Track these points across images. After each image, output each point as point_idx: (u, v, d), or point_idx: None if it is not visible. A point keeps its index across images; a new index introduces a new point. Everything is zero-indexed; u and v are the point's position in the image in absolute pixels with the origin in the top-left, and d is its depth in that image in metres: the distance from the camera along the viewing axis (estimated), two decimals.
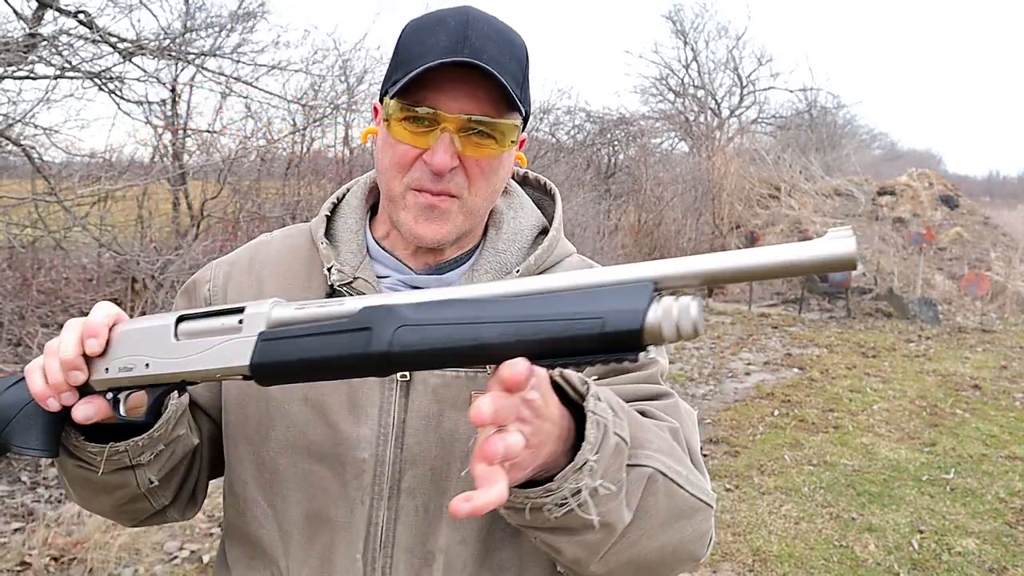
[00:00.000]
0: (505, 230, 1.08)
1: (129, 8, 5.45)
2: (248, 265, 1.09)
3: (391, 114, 0.95)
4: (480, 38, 0.92)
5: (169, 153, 7.08)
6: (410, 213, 0.98)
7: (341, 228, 1.08)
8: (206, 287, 1.09)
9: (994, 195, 32.30)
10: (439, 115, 0.92)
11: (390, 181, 0.99)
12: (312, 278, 1.05)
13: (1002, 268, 12.09)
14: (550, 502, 0.73)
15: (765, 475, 4.89)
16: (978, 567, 3.76)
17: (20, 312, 5.24)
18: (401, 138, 0.95)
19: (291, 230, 1.15)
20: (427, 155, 0.94)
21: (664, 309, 0.59)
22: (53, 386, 0.83)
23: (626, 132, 14.89)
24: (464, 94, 0.92)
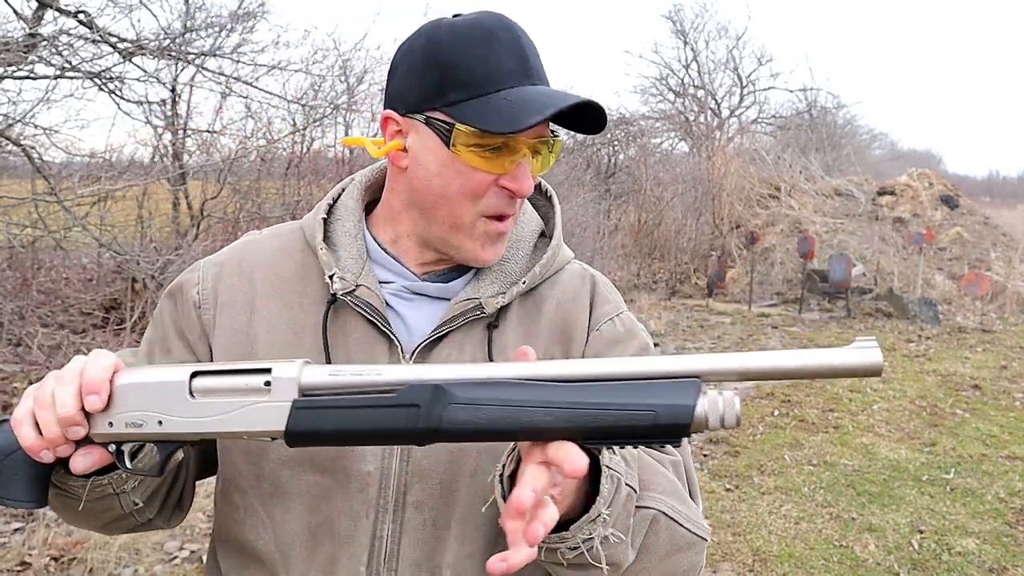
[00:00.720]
0: (508, 236, 1.06)
1: (129, 8, 5.45)
2: (238, 267, 1.05)
3: (459, 139, 0.90)
4: (532, 55, 0.93)
5: (169, 153, 7.09)
6: (478, 241, 0.96)
7: (339, 232, 1.04)
8: (194, 291, 1.04)
9: (994, 195, 32.31)
10: (518, 140, 0.91)
11: (458, 208, 0.94)
12: (307, 283, 1.02)
13: (1002, 268, 12.09)
14: (564, 547, 0.80)
15: (765, 475, 4.89)
16: (978, 567, 3.76)
17: (20, 312, 5.24)
18: (476, 165, 0.91)
19: (280, 229, 1.11)
20: (507, 181, 0.92)
21: (710, 402, 0.64)
22: (48, 440, 0.78)
23: (626, 132, 14.90)
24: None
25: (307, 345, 0.99)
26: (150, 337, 1.07)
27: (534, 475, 0.67)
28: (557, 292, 1.07)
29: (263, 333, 1.00)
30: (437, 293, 1.02)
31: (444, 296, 1.02)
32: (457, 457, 0.95)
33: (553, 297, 1.06)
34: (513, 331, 1.03)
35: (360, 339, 0.99)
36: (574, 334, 1.05)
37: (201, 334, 1.02)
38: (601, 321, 1.06)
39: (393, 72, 0.98)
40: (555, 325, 1.04)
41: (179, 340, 1.03)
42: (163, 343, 1.05)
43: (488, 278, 1.02)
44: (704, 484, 4.70)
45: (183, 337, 1.03)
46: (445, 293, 1.02)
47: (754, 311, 10.95)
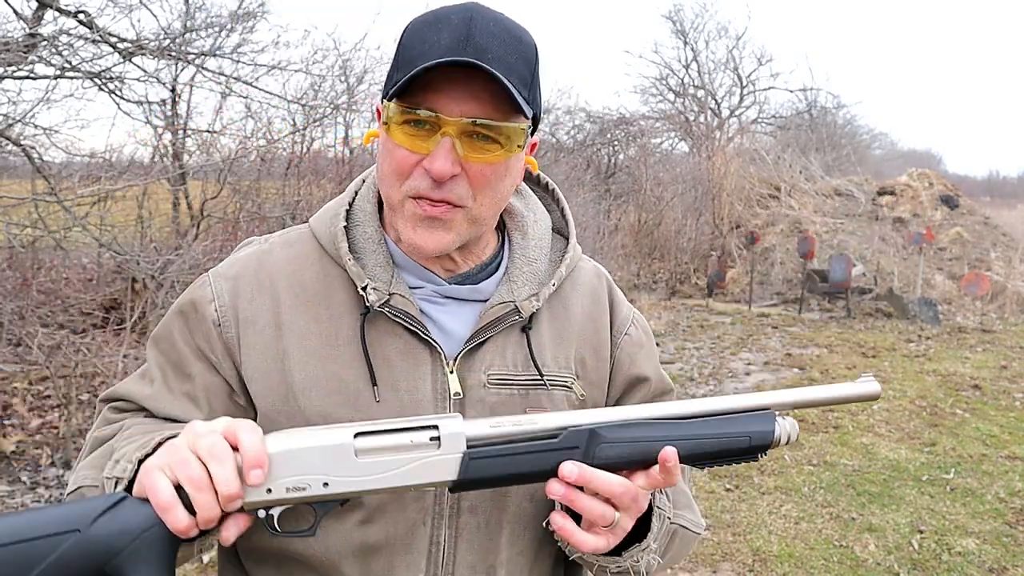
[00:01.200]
0: (531, 235, 1.07)
1: (129, 8, 5.45)
2: (256, 281, 1.01)
3: (390, 117, 0.91)
4: (485, 36, 0.88)
5: (169, 153, 7.09)
6: (408, 223, 0.94)
7: (361, 238, 1.01)
8: (211, 308, 0.99)
9: (994, 195, 32.31)
10: (440, 118, 0.88)
11: (389, 188, 0.94)
12: (332, 293, 1.00)
13: (1002, 268, 12.09)
14: (614, 567, 0.94)
15: (765, 475, 4.89)
16: (978, 567, 3.76)
17: (20, 312, 5.24)
18: (400, 142, 0.91)
19: (289, 236, 1.07)
20: (427, 161, 0.90)
21: (781, 427, 0.87)
22: (203, 520, 0.75)
23: (626, 132, 14.91)
24: (467, 96, 0.88)
25: (346, 358, 0.97)
26: (161, 361, 1.02)
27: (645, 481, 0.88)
28: (580, 292, 1.10)
29: (295, 349, 0.97)
30: (468, 295, 1.02)
31: (476, 298, 1.02)
32: None
33: (577, 297, 1.09)
34: (547, 333, 1.05)
35: (401, 349, 0.98)
36: (600, 336, 1.10)
37: (224, 353, 0.99)
38: (626, 325, 1.13)
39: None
40: (584, 327, 1.08)
41: (199, 362, 0.99)
42: (180, 367, 1.00)
43: (520, 279, 1.03)
44: (704, 484, 4.70)
45: (203, 358, 0.99)
46: (476, 295, 1.02)
47: (754, 311, 10.94)
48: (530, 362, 1.02)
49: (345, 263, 0.98)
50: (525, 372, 1.01)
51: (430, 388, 0.97)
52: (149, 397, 0.99)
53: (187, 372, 0.99)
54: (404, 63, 0.90)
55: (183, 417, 0.97)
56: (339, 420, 0.92)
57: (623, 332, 1.12)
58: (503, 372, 1.01)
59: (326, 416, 0.94)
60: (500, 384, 1.00)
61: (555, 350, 1.05)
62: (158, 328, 1.05)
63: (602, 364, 1.09)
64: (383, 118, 0.93)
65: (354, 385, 0.96)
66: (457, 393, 0.97)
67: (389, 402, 0.96)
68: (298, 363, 0.96)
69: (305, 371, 0.96)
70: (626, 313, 1.14)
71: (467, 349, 0.99)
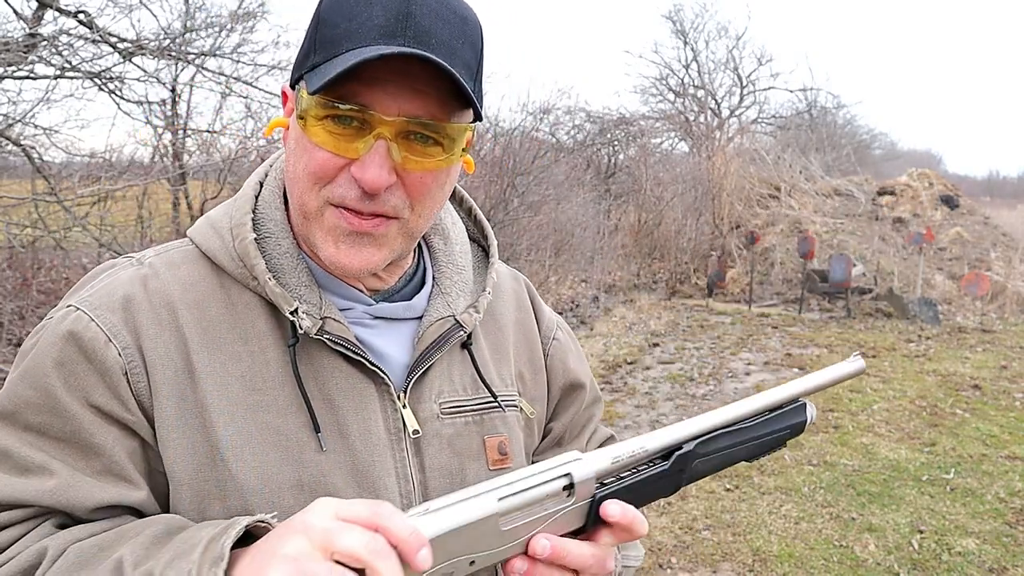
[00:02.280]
0: (453, 240, 0.95)
1: (129, 8, 5.45)
2: (153, 312, 0.80)
3: (307, 109, 0.74)
4: (427, 15, 0.73)
5: (169, 153, 7.09)
6: (329, 237, 0.78)
7: (275, 253, 0.83)
8: (110, 350, 0.76)
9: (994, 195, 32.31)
10: (373, 116, 0.73)
11: (304, 193, 0.78)
12: (248, 326, 0.82)
13: (1002, 268, 12.09)
14: None
15: (765, 475, 4.88)
16: (978, 567, 3.76)
17: (20, 312, 5.24)
18: (321, 143, 0.75)
19: (170, 255, 0.86)
20: (356, 168, 0.74)
21: (809, 412, 0.94)
22: None
23: (626, 132, 14.91)
24: (405, 89, 0.73)
25: (279, 403, 0.80)
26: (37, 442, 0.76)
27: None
28: (505, 301, 1.01)
29: (215, 399, 0.78)
30: (403, 313, 0.88)
31: (409, 316, 0.89)
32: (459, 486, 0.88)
33: (503, 306, 1.00)
34: (486, 348, 0.95)
35: (342, 384, 0.82)
36: (532, 346, 1.02)
37: (139, 409, 0.77)
38: (552, 330, 1.05)
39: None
40: (516, 339, 1.00)
41: (108, 427, 0.76)
42: (76, 441, 0.76)
43: (453, 290, 0.92)
44: (704, 484, 4.70)
45: (113, 421, 0.77)
46: (410, 312, 0.89)
47: (754, 311, 10.94)
48: (478, 382, 0.90)
49: (265, 284, 0.80)
50: (475, 395, 0.91)
51: (383, 428, 0.83)
52: (55, 491, 0.74)
53: (91, 444, 0.76)
54: (326, 43, 0.74)
55: (118, 501, 0.76)
56: (280, 481, 0.78)
57: (551, 337, 1.03)
58: (454, 398, 0.89)
59: (265, 478, 0.78)
60: (453, 413, 0.88)
61: (498, 367, 0.95)
62: (7, 398, 0.78)
63: (539, 376, 1.01)
64: (297, 109, 0.76)
65: (295, 436, 0.80)
66: (416, 431, 0.84)
67: (338, 451, 0.81)
68: (222, 417, 0.78)
69: (232, 426, 0.78)
70: (549, 316, 1.06)
71: (415, 377, 0.86)
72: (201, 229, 0.87)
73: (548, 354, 1.03)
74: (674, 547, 3.92)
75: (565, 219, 10.03)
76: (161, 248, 0.88)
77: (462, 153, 0.80)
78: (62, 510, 0.75)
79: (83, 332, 0.77)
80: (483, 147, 8.81)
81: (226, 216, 0.86)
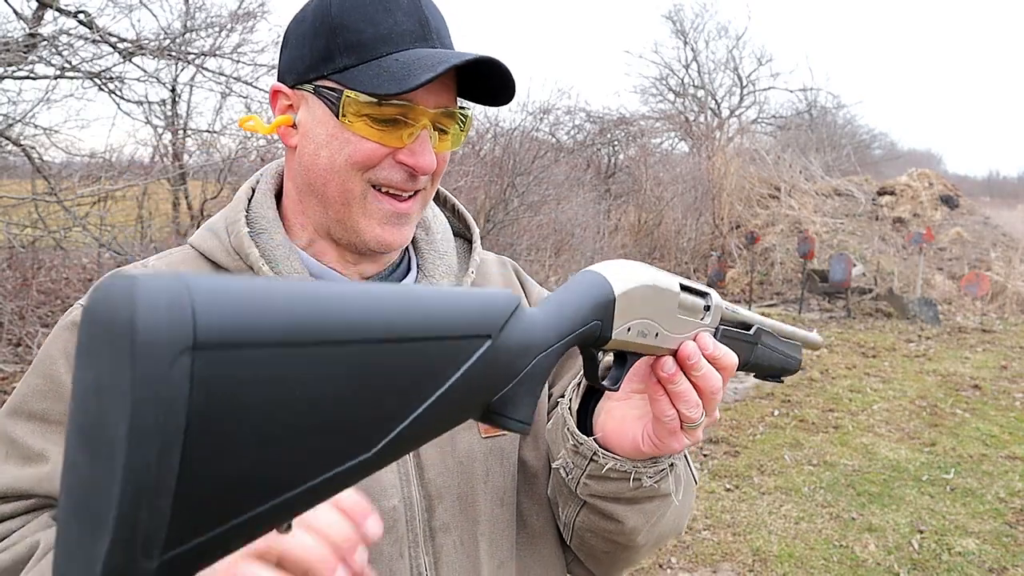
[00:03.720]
0: (434, 230, 1.01)
1: (129, 8, 5.46)
2: None
3: (350, 108, 0.82)
4: (435, 17, 0.84)
5: (169, 153, 7.09)
6: (374, 219, 0.87)
7: (269, 247, 0.90)
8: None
9: (994, 195, 32.28)
10: (416, 110, 0.83)
11: (346, 180, 0.85)
12: None
13: (1002, 268, 12.08)
14: (651, 471, 0.84)
15: (765, 475, 4.88)
16: (978, 567, 3.76)
17: (20, 312, 5.24)
18: (367, 135, 0.83)
19: (172, 258, 0.93)
20: (404, 155, 0.84)
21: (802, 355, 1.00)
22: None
23: (626, 132, 14.90)
24: (438, 85, 0.83)
25: None
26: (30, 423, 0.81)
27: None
28: (493, 281, 1.06)
29: None
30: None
31: None
32: (467, 466, 0.92)
33: (491, 286, 1.05)
34: None
35: None
36: None
37: None
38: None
39: (285, 43, 0.90)
40: None
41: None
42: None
43: (436, 274, 0.97)
44: (704, 484, 4.70)
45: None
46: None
47: (754, 311, 10.94)
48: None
49: (259, 271, 0.87)
50: None
51: None
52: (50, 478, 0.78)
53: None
54: (355, 47, 0.82)
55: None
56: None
57: None
58: None
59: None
60: None
61: None
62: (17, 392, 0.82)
63: None
64: (340, 109, 0.83)
65: None
66: None
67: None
68: None
69: None
70: (539, 291, 1.11)
71: None
72: (200, 233, 0.94)
73: None
74: (674, 547, 3.92)
75: (565, 219, 10.03)
76: (164, 253, 0.96)
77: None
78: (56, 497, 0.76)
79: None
80: (483, 147, 8.81)
81: (222, 219, 0.94)
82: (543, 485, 0.99)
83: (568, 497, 0.91)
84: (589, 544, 0.94)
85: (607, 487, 0.85)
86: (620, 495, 0.85)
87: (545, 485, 1.00)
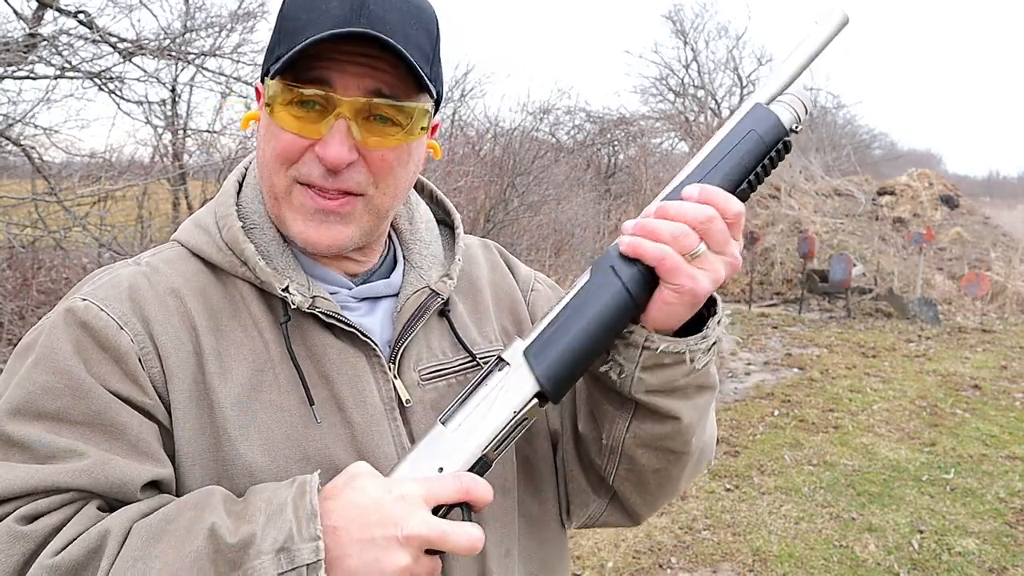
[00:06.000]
0: (417, 220, 1.00)
1: (129, 8, 5.46)
2: (160, 301, 0.83)
3: (273, 97, 0.80)
4: (381, 4, 0.79)
5: (169, 153, 7.09)
6: (298, 215, 0.83)
7: (262, 241, 0.88)
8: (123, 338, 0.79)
9: (994, 195, 32.31)
10: (332, 98, 0.78)
11: (272, 174, 0.83)
12: (243, 312, 0.86)
13: (1002, 268, 12.08)
14: (703, 347, 0.84)
15: (765, 475, 4.88)
16: (978, 567, 3.76)
17: (20, 312, 5.24)
18: (286, 125, 0.80)
19: (164, 254, 0.90)
20: (319, 147, 0.80)
21: (786, 107, 0.89)
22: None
23: (626, 132, 14.91)
24: (363, 72, 0.79)
25: (281, 382, 0.84)
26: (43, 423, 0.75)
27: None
28: (478, 265, 1.06)
29: (220, 380, 0.82)
30: (383, 290, 0.93)
31: (388, 293, 0.94)
32: None
33: (478, 271, 1.05)
34: (465, 312, 0.99)
35: (335, 358, 0.86)
36: (513, 299, 1.06)
37: (155, 394, 0.80)
38: (530, 282, 1.09)
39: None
40: (497, 297, 1.04)
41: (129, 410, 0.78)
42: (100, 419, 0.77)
43: (423, 264, 0.97)
44: (704, 484, 4.70)
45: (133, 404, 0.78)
46: (389, 289, 0.94)
47: (754, 311, 10.94)
48: (458, 346, 0.95)
49: (255, 266, 0.85)
50: (456, 357, 0.95)
51: (378, 399, 0.87)
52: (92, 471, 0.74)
53: (117, 423, 0.77)
54: (288, 35, 0.80)
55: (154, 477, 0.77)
56: (288, 456, 0.82)
57: (530, 289, 1.08)
58: (432, 364, 0.93)
59: (272, 455, 0.81)
60: (434, 377, 0.93)
61: (479, 327, 1.00)
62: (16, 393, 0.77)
63: (524, 327, 1.04)
64: (264, 98, 0.82)
65: (296, 412, 0.84)
66: (407, 400, 0.89)
67: (337, 424, 0.85)
68: (228, 398, 0.82)
69: (237, 407, 0.82)
70: (526, 272, 1.10)
71: (401, 348, 0.90)
72: (187, 229, 0.91)
73: (529, 302, 1.07)
74: (674, 547, 3.92)
75: (565, 219, 10.03)
76: (156, 250, 0.92)
77: (424, 136, 0.86)
78: (100, 492, 0.75)
79: (94, 321, 0.79)
80: (483, 147, 8.81)
81: (210, 213, 0.91)
82: (543, 479, 1.00)
83: (617, 410, 0.88)
84: (639, 465, 0.91)
85: (663, 376, 0.83)
86: (675, 384, 0.84)
87: (546, 478, 1.00)
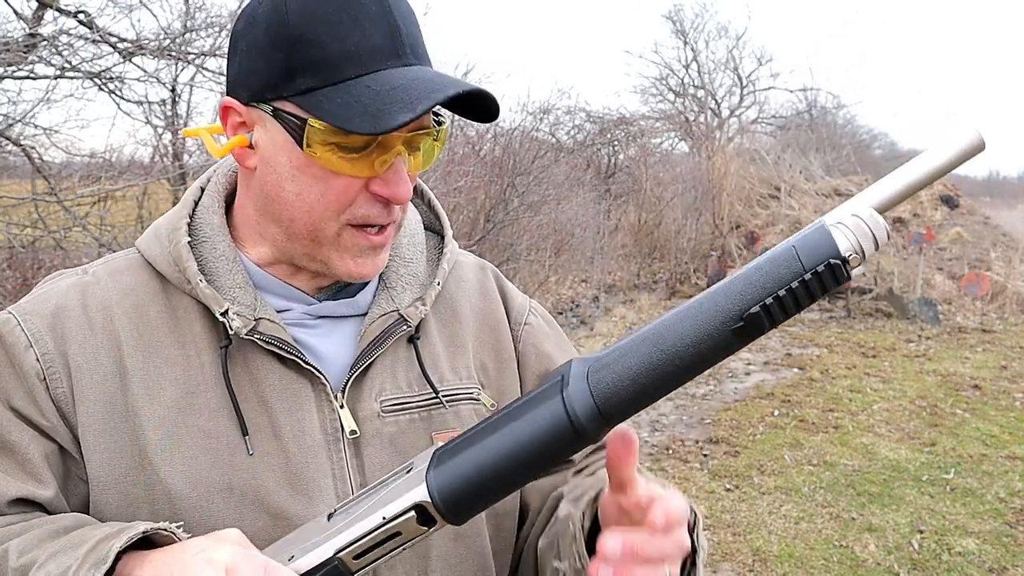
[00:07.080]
0: (402, 232, 0.93)
1: (129, 8, 5.46)
2: (85, 317, 0.81)
3: (316, 139, 0.73)
4: (406, 22, 0.75)
5: (169, 153, 7.09)
6: (347, 255, 0.80)
7: (210, 256, 0.84)
8: (29, 356, 0.78)
9: (994, 195, 32.32)
10: (391, 136, 0.74)
11: (320, 221, 0.78)
12: (182, 329, 0.82)
13: (1002, 268, 12.08)
14: None
15: (765, 475, 4.88)
16: (978, 567, 3.76)
17: None
18: (336, 168, 0.74)
19: (115, 263, 0.87)
20: (379, 186, 0.77)
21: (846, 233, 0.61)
22: None
23: (626, 132, 14.90)
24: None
25: (212, 406, 0.80)
26: None
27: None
28: (466, 291, 0.98)
29: (146, 402, 0.79)
30: (346, 311, 0.87)
31: (354, 313, 0.88)
32: None
33: (463, 296, 0.97)
34: (438, 341, 0.92)
35: (276, 384, 0.82)
36: (498, 334, 0.97)
37: (57, 415, 0.78)
38: (523, 315, 1.00)
39: (233, 48, 0.79)
40: (479, 329, 0.96)
41: (24, 428, 0.78)
42: (4, 444, 0.77)
43: (399, 284, 0.90)
44: (704, 484, 4.70)
45: (28, 424, 0.78)
46: (354, 309, 0.87)
47: None
48: (423, 378, 0.88)
49: (196, 286, 0.80)
50: (421, 391, 0.88)
51: (318, 429, 0.82)
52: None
53: (6, 441, 0.77)
54: (318, 65, 0.72)
55: (25, 496, 0.76)
56: (210, 484, 0.78)
57: (522, 323, 0.99)
58: (397, 396, 0.87)
59: (194, 482, 0.78)
60: (396, 410, 0.86)
61: (452, 360, 0.92)
62: None
63: (507, 366, 0.96)
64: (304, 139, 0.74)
65: (225, 439, 0.79)
66: (353, 431, 0.83)
67: (271, 453, 0.80)
68: (151, 420, 0.78)
69: (161, 429, 0.78)
70: (521, 302, 1.01)
71: (354, 376, 0.84)
72: (147, 236, 0.89)
73: (519, 339, 0.98)
74: None
75: (565, 219, 10.02)
76: (109, 257, 0.90)
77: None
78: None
79: (7, 336, 0.79)
80: (483, 147, 8.81)
81: (167, 222, 0.87)
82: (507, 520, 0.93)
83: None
84: None
85: None
86: None
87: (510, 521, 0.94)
